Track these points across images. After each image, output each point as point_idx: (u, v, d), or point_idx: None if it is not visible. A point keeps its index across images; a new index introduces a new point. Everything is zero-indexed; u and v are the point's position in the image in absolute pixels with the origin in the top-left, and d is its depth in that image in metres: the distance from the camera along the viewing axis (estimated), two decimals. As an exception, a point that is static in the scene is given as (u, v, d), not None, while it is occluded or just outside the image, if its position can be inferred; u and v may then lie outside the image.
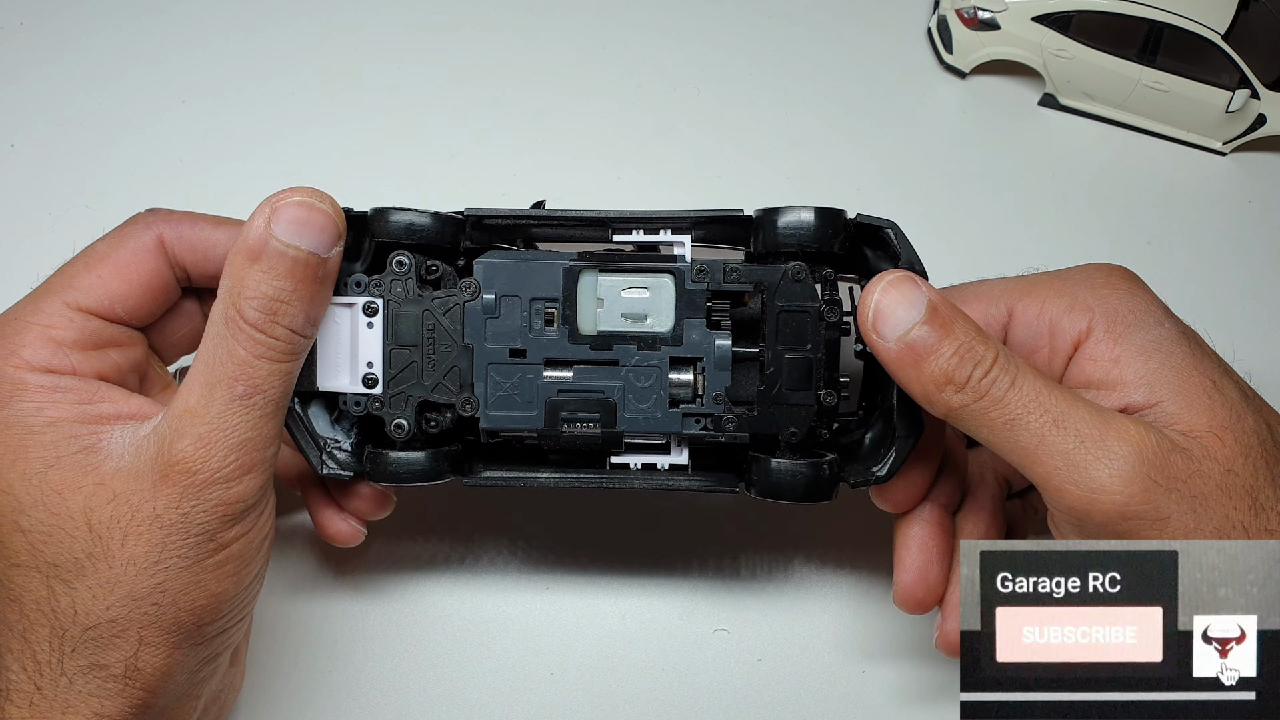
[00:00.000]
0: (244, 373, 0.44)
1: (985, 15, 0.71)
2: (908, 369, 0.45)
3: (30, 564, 0.44)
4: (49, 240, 0.66)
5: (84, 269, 0.48)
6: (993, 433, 0.45)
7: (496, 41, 0.74)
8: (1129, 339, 0.47)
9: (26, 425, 0.44)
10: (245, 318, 0.44)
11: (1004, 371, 0.44)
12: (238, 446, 0.44)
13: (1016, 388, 0.44)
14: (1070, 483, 0.44)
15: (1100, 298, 0.49)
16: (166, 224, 0.49)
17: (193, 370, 0.45)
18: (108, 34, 0.73)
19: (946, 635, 0.52)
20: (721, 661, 0.57)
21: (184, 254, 0.49)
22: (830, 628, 0.58)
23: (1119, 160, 0.72)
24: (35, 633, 0.43)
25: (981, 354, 0.45)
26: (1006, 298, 0.51)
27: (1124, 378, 0.47)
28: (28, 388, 0.44)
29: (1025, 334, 0.50)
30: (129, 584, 0.43)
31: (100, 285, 0.47)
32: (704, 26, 0.75)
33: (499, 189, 0.69)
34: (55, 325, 0.46)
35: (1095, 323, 0.48)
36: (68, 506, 0.43)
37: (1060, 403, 0.44)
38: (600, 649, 0.57)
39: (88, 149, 0.69)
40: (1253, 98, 0.68)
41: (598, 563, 0.59)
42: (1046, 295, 0.50)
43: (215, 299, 0.45)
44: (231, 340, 0.44)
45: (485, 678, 0.57)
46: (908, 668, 0.57)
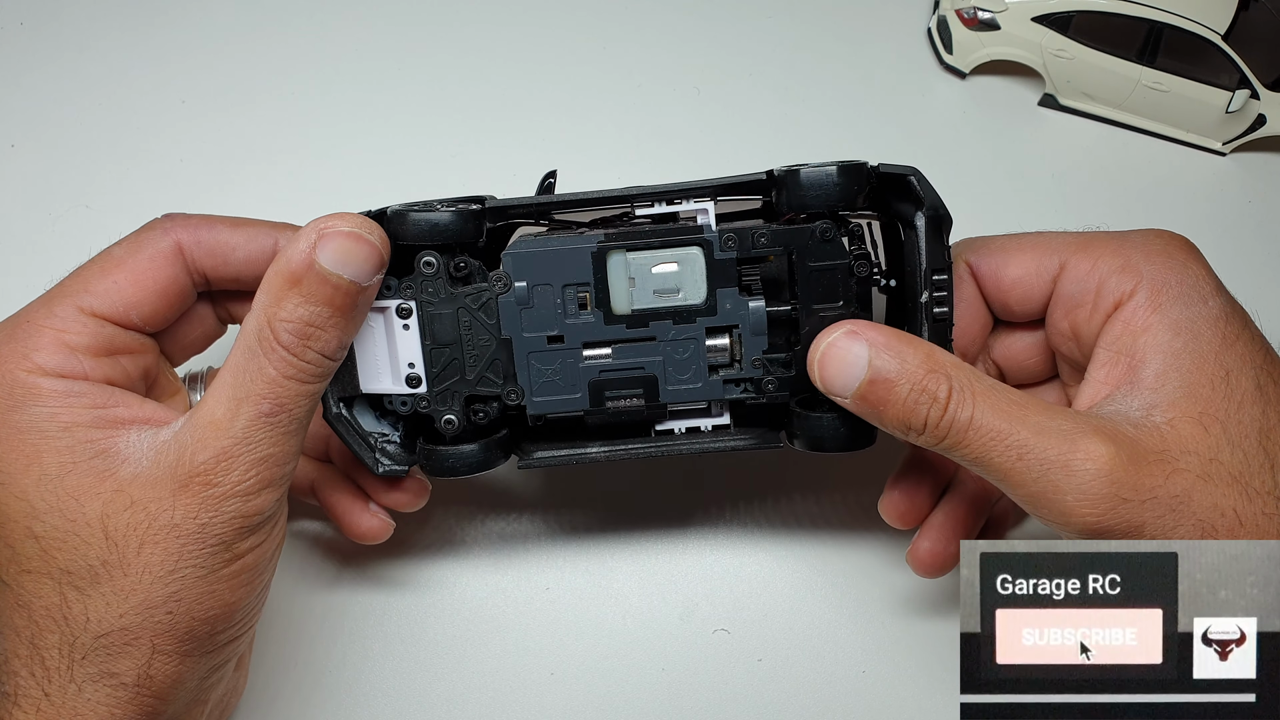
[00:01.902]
0: (272, 391, 0.44)
1: (985, 15, 0.71)
2: (871, 418, 0.46)
3: (42, 570, 0.43)
4: (50, 240, 0.66)
5: (99, 273, 0.47)
6: (965, 464, 0.46)
7: (497, 41, 0.74)
8: (1166, 311, 0.47)
9: (41, 430, 0.44)
10: (278, 338, 0.44)
11: (960, 406, 0.44)
12: (259, 462, 0.44)
13: (975, 424, 0.44)
14: (1041, 509, 0.45)
15: (1153, 264, 0.49)
16: (185, 229, 0.49)
17: (220, 381, 0.45)
18: (108, 34, 0.73)
19: (916, 552, 0.54)
20: (721, 661, 0.57)
21: (202, 259, 0.49)
22: (830, 628, 0.58)
23: (1119, 161, 0.72)
24: (44, 639, 0.43)
25: (934, 390, 0.44)
26: (1061, 251, 0.51)
27: (1144, 351, 0.47)
28: (41, 392, 0.44)
29: (1073, 288, 0.50)
30: (144, 592, 0.43)
31: (115, 291, 0.47)
32: (704, 27, 0.75)
33: (499, 188, 0.68)
34: (68, 330, 0.45)
35: (1140, 288, 0.48)
36: (84, 512, 0.43)
37: (1022, 431, 0.44)
38: (600, 649, 0.57)
39: (88, 149, 0.69)
40: (1252, 98, 0.68)
41: (598, 563, 0.59)
42: (1101, 253, 0.50)
43: (228, 300, 0.46)
44: (263, 358, 0.44)
45: (485, 678, 0.57)
46: (907, 668, 0.57)
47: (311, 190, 0.68)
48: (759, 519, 0.60)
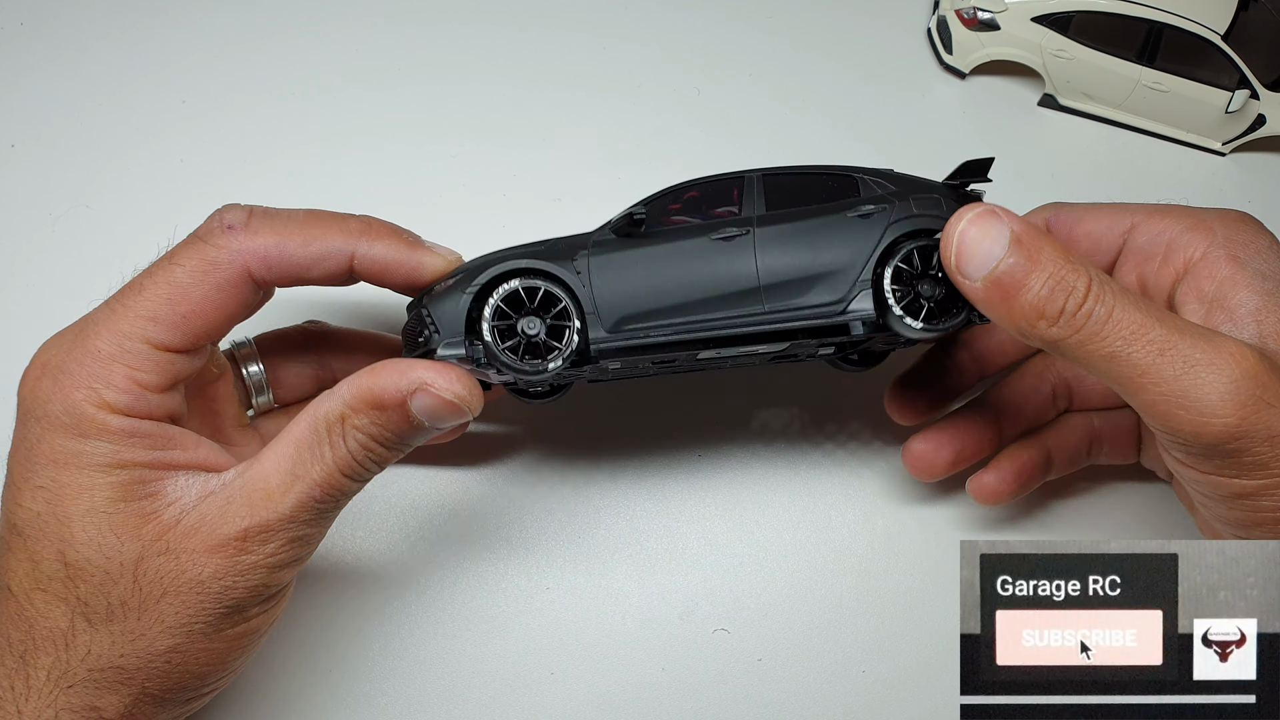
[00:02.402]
0: (327, 481, 0.45)
1: (985, 16, 0.71)
2: (997, 306, 0.44)
3: (60, 594, 0.43)
4: (50, 240, 0.66)
5: (168, 305, 0.45)
6: (1092, 363, 0.44)
7: (497, 41, 0.74)
8: (1248, 264, 0.48)
9: (99, 464, 0.44)
10: (347, 442, 0.45)
11: (1099, 301, 0.43)
12: (294, 541, 0.45)
13: (1114, 319, 0.43)
14: (1179, 408, 0.42)
15: (1225, 225, 0.50)
16: (253, 256, 0.46)
17: (280, 450, 0.45)
18: (108, 35, 0.73)
19: (981, 484, 0.57)
20: (721, 661, 0.57)
21: (270, 278, 0.48)
22: (830, 628, 0.58)
23: (1118, 160, 0.72)
24: (38, 659, 0.43)
25: (1073, 283, 0.43)
26: (1133, 215, 0.52)
27: (1236, 299, 0.47)
28: (108, 429, 0.44)
29: (1144, 241, 0.51)
30: (151, 639, 0.43)
31: (186, 326, 0.46)
32: (704, 27, 0.75)
33: (499, 188, 0.69)
34: (140, 368, 0.45)
35: (1215, 244, 0.49)
36: (121, 552, 0.43)
37: (1163, 329, 0.42)
38: (600, 649, 0.57)
39: (88, 149, 0.69)
40: (1252, 98, 0.68)
41: (598, 562, 0.59)
42: (1175, 214, 0.51)
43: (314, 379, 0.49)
44: (329, 449, 0.45)
45: (485, 678, 0.57)
46: (907, 668, 0.57)
47: (312, 190, 0.68)
48: (759, 519, 0.60)
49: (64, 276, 0.65)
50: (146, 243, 0.66)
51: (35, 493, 0.43)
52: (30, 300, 0.64)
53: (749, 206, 0.49)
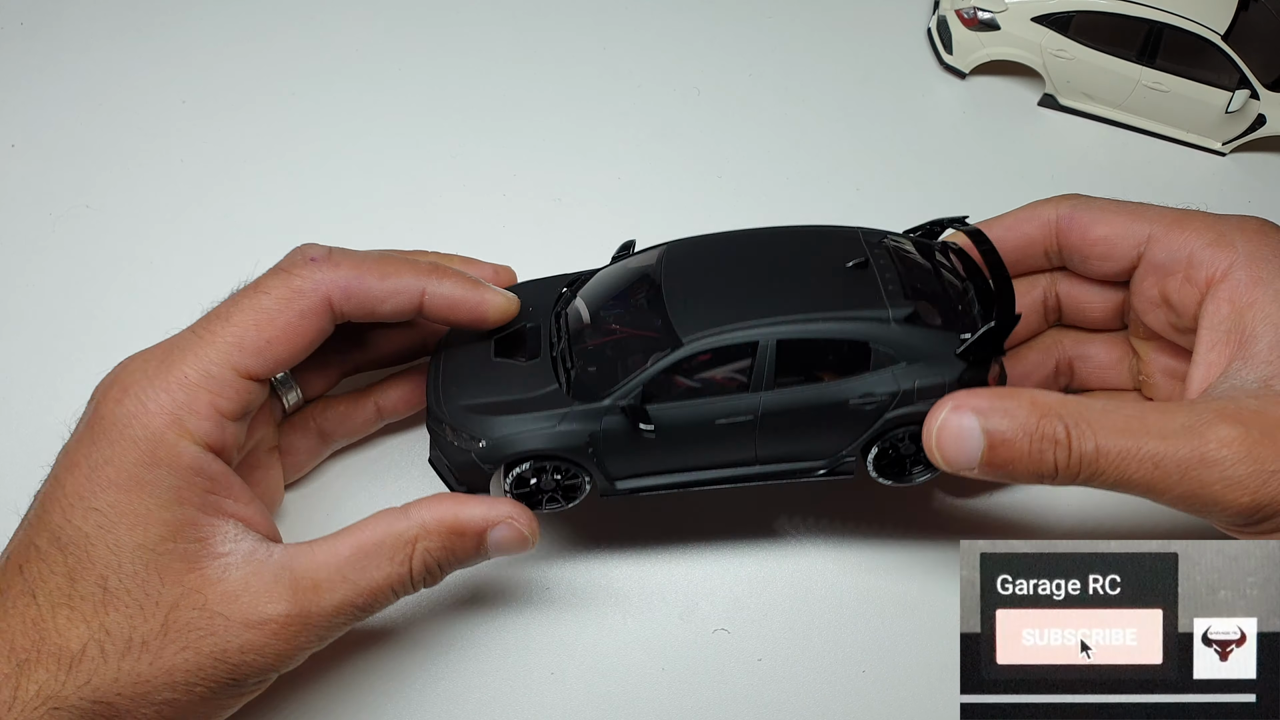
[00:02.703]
0: (376, 591, 0.47)
1: (985, 16, 0.71)
2: (1002, 479, 0.46)
3: (88, 616, 0.43)
4: (50, 239, 0.66)
5: (254, 329, 0.47)
6: (1108, 489, 0.45)
7: (497, 42, 0.74)
8: (1268, 285, 0.47)
9: (159, 497, 0.44)
10: (413, 561, 0.48)
11: (1082, 439, 0.44)
12: (321, 638, 0.47)
13: (1102, 451, 0.44)
14: (1195, 506, 0.44)
15: (1248, 240, 0.49)
16: (335, 284, 0.48)
17: (337, 548, 0.47)
18: (109, 36, 0.73)
19: None
20: (721, 661, 0.57)
21: (349, 310, 0.49)
22: (830, 627, 0.58)
23: (1119, 160, 0.72)
24: (34, 672, 0.42)
25: (1053, 433, 0.44)
26: (1153, 222, 0.51)
27: (1253, 325, 0.47)
28: (179, 461, 0.44)
29: (1164, 256, 0.51)
30: (151, 686, 0.43)
31: (269, 351, 0.47)
32: (704, 28, 0.75)
33: (499, 188, 0.69)
34: (223, 396, 0.46)
35: (1237, 263, 0.48)
36: (160, 593, 0.43)
37: (1149, 441, 0.43)
38: (600, 649, 0.57)
39: (88, 149, 0.69)
40: (1252, 98, 0.68)
41: (598, 562, 0.59)
42: (1195, 226, 0.50)
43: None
44: (389, 564, 0.47)
45: (485, 678, 0.57)
46: (907, 668, 0.57)
47: (312, 190, 0.68)
48: (758, 519, 0.60)
49: (64, 276, 0.65)
50: (146, 243, 0.66)
51: (89, 514, 0.43)
52: (30, 299, 0.64)
53: (758, 379, 0.49)
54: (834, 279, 0.50)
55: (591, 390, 0.50)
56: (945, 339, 0.49)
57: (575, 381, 0.51)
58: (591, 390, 0.50)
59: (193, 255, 0.66)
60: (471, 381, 0.52)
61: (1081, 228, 0.53)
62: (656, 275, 0.51)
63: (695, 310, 0.49)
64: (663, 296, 0.50)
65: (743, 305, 0.49)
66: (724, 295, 0.50)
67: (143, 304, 0.64)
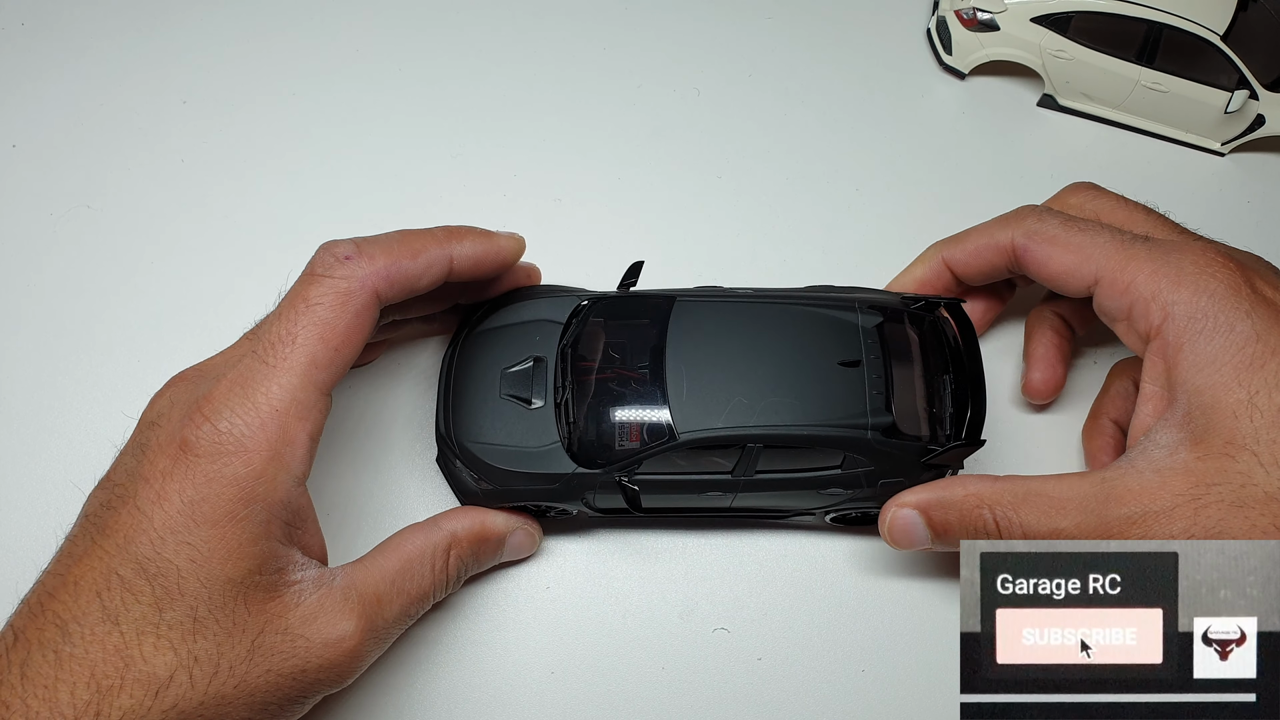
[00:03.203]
0: (423, 594, 0.52)
1: (984, 16, 0.71)
2: (950, 549, 0.53)
3: (175, 644, 0.43)
4: (51, 240, 0.66)
5: (321, 344, 0.47)
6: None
7: (498, 43, 0.74)
8: (1189, 347, 0.50)
9: (252, 534, 0.44)
10: (450, 563, 0.53)
11: (1009, 526, 0.50)
12: (381, 648, 0.51)
13: (1026, 530, 0.50)
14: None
15: (1182, 293, 0.50)
16: (379, 278, 0.49)
17: (386, 564, 0.50)
18: (109, 35, 0.73)
19: (1031, 384, 0.62)
20: (721, 660, 0.57)
21: (393, 295, 0.50)
22: (830, 627, 0.58)
23: (1118, 161, 0.72)
24: (118, 698, 0.42)
25: (984, 524, 0.51)
26: (1099, 263, 0.53)
27: (1175, 388, 0.50)
28: (274, 497, 0.45)
29: (1109, 303, 0.53)
30: (232, 705, 0.44)
31: (339, 360, 0.47)
32: (704, 28, 0.75)
33: (500, 188, 0.69)
34: (313, 420, 0.46)
35: (1167, 323, 0.50)
36: (247, 621, 0.44)
37: (1065, 521, 0.49)
38: (600, 649, 0.57)
39: (89, 149, 0.69)
40: (1251, 98, 0.68)
41: (598, 562, 0.59)
42: (1136, 274, 0.52)
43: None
44: (430, 569, 0.52)
45: (485, 677, 0.57)
46: (907, 668, 0.57)
47: (312, 190, 0.68)
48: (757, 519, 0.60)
49: (65, 276, 0.65)
50: (147, 243, 0.66)
51: (181, 548, 0.43)
52: (31, 299, 0.64)
53: (742, 468, 0.54)
54: (824, 379, 0.54)
55: (589, 458, 0.54)
56: (916, 448, 0.54)
57: (576, 443, 0.55)
58: (589, 458, 0.54)
59: (193, 255, 0.66)
60: (479, 415, 0.56)
61: (1036, 263, 0.56)
62: (660, 342, 0.55)
63: (693, 403, 0.53)
64: (665, 375, 0.54)
65: (736, 400, 0.53)
66: (722, 387, 0.54)
67: (143, 304, 0.64)
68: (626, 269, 0.58)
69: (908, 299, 0.58)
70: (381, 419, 0.62)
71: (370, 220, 0.67)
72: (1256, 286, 0.50)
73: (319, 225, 0.67)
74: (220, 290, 0.65)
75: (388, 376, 0.63)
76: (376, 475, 0.60)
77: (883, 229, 0.68)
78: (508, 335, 0.58)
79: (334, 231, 0.67)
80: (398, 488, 0.60)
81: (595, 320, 0.57)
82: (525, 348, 0.57)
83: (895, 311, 0.57)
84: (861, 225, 0.68)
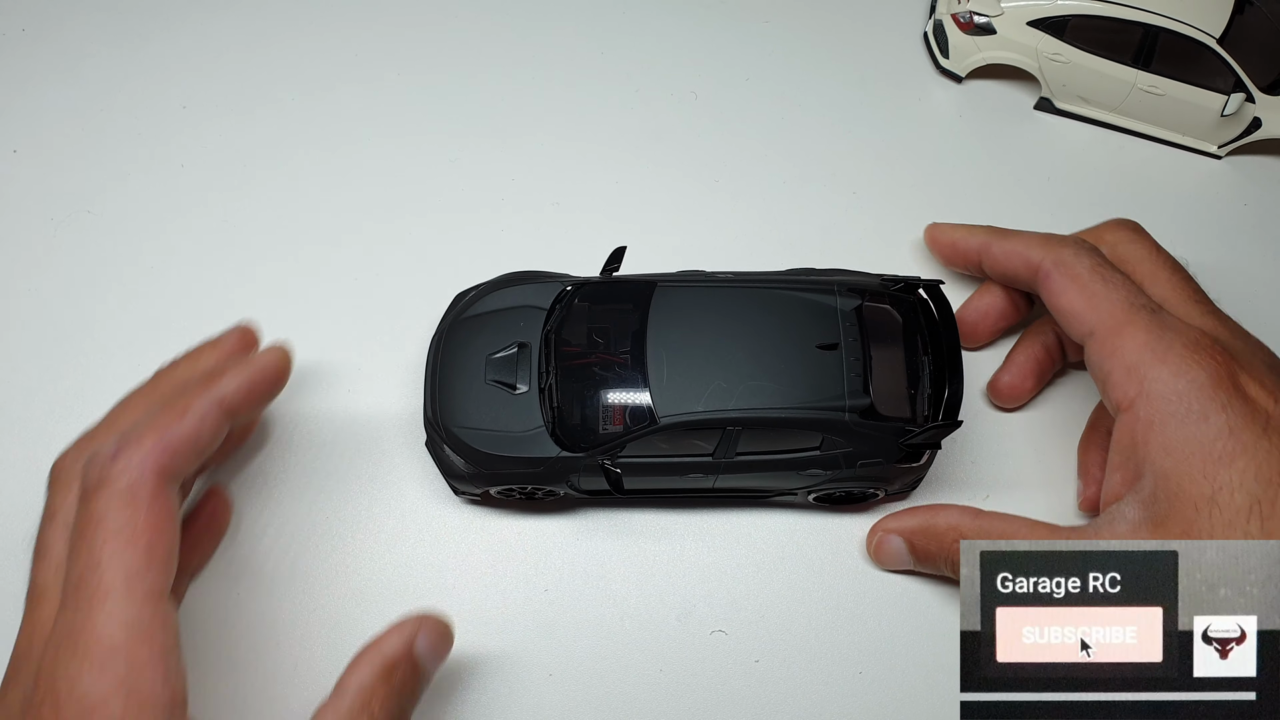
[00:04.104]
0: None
1: (981, 20, 0.71)
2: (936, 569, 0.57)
3: None
4: (51, 245, 0.66)
5: (133, 550, 0.44)
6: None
7: (496, 48, 0.74)
8: (1159, 430, 0.50)
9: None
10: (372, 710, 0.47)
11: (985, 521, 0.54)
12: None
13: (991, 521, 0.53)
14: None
15: (1159, 371, 0.51)
16: (156, 456, 0.45)
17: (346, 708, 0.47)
18: (110, 41, 0.73)
19: (996, 385, 0.62)
20: (719, 662, 0.57)
21: (181, 466, 0.47)
22: (828, 628, 0.58)
23: (1115, 164, 0.72)
24: None
25: (967, 537, 0.53)
26: (1095, 323, 0.54)
27: (1141, 466, 0.50)
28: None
29: (1096, 362, 0.54)
30: None
31: (159, 557, 0.45)
32: (701, 32, 0.76)
33: (498, 193, 0.69)
34: (159, 638, 0.44)
35: (1140, 399, 0.51)
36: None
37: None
38: (600, 649, 0.57)
39: (90, 154, 0.69)
40: (1248, 101, 0.68)
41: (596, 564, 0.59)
42: (1128, 340, 0.52)
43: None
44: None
45: (485, 678, 0.57)
46: (905, 668, 0.57)
47: (312, 194, 0.68)
48: (756, 520, 0.60)
49: (65, 281, 0.65)
50: (147, 248, 0.66)
51: None
52: (32, 304, 0.64)
53: (722, 450, 0.55)
54: (802, 362, 0.54)
55: (573, 441, 0.55)
56: (894, 429, 0.55)
57: (559, 426, 0.55)
58: (573, 441, 0.55)
59: (193, 260, 0.66)
60: (465, 401, 0.57)
61: (1050, 292, 0.57)
62: (641, 327, 0.56)
63: (673, 387, 0.54)
64: (646, 360, 0.55)
65: (716, 384, 0.54)
66: (701, 371, 0.54)
67: (143, 309, 0.64)
68: (609, 254, 0.59)
69: (888, 281, 0.58)
70: (370, 405, 0.62)
71: (369, 226, 0.67)
72: (1239, 381, 0.50)
73: (318, 230, 0.67)
74: (220, 295, 0.65)
75: (377, 365, 0.63)
76: (369, 458, 0.61)
77: (880, 232, 0.68)
78: (493, 321, 0.58)
79: (334, 232, 0.68)
80: (389, 470, 0.61)
81: (579, 306, 0.58)
82: (510, 333, 0.57)
83: (874, 294, 0.57)
84: (859, 228, 0.69)
